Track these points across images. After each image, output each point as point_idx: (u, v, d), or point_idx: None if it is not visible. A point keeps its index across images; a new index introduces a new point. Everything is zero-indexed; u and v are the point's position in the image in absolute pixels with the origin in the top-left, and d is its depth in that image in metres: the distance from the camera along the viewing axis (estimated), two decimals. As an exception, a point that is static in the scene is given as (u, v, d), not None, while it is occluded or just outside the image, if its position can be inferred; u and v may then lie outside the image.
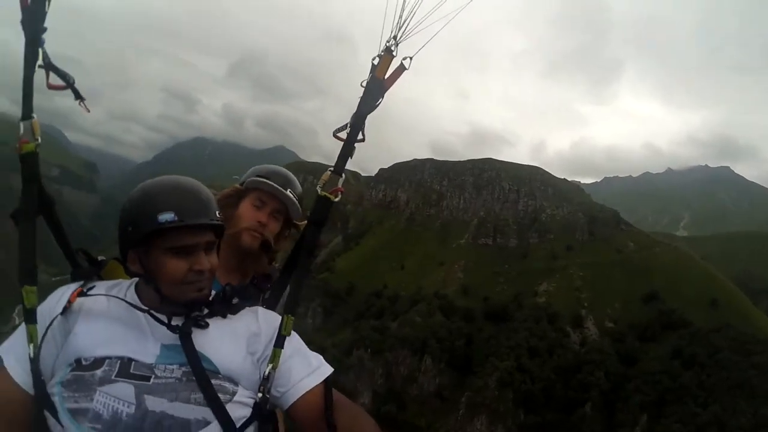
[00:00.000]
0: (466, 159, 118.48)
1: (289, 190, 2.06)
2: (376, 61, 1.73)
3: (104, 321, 1.36)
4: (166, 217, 1.31)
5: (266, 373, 1.38)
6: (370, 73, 1.74)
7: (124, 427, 1.22)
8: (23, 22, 1.44)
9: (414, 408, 52.35)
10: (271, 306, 1.80)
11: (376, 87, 1.73)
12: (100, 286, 1.44)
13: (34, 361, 1.27)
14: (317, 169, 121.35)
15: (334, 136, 1.76)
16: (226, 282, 1.64)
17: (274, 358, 1.39)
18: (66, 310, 1.35)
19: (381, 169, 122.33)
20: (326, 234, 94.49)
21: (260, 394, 1.38)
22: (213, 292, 1.47)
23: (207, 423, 1.27)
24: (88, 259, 1.60)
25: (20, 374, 1.28)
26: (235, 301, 1.50)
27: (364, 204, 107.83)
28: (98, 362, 1.28)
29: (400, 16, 1.70)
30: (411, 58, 1.72)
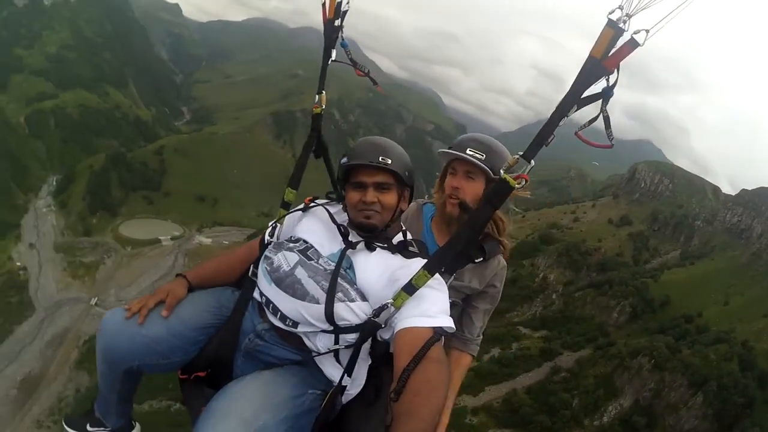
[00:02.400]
0: None
1: (469, 150, 2.48)
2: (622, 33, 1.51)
3: (318, 221, 2.27)
4: (343, 160, 2.14)
5: (385, 303, 1.89)
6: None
7: (278, 275, 2.06)
8: (324, 32, 2.41)
9: (660, 435, 55.12)
10: (453, 268, 2.31)
11: (591, 68, 1.59)
12: (336, 206, 2.35)
13: (273, 230, 2.37)
14: (675, 174, 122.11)
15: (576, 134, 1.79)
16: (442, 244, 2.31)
17: (397, 297, 1.87)
18: (305, 209, 2.36)
19: (743, 190, 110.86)
20: (667, 244, 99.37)
21: (371, 315, 1.92)
22: (401, 236, 2.23)
23: (317, 301, 1.95)
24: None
25: (267, 234, 2.38)
26: (411, 249, 2.15)
27: (715, 225, 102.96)
28: (297, 240, 2.20)
29: None
30: (648, 32, 1.48)
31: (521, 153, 1.78)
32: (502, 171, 1.83)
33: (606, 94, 1.66)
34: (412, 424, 1.49)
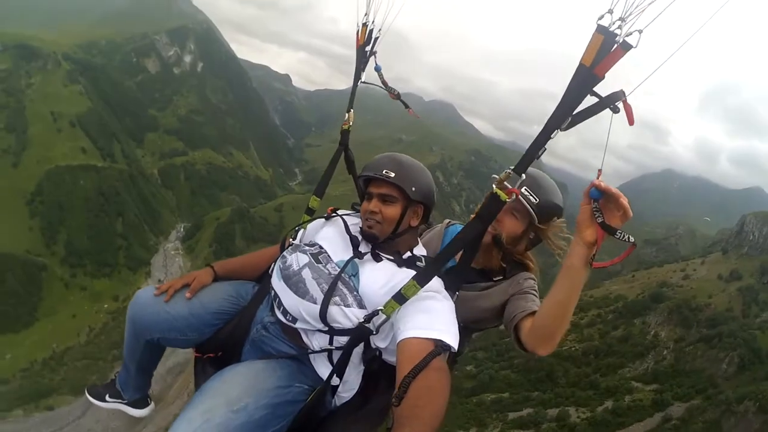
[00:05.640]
0: None
1: (524, 189, 2.42)
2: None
3: (335, 230, 2.47)
4: (360, 173, 2.43)
5: (376, 309, 2.04)
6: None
7: (287, 272, 2.26)
8: (356, 57, 2.74)
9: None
10: (455, 285, 2.31)
11: (582, 76, 1.57)
12: (356, 217, 2.53)
13: (296, 233, 2.65)
14: None
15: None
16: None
17: (387, 305, 1.99)
18: (327, 217, 2.58)
19: None
20: None
21: (362, 320, 2.07)
22: (410, 252, 2.38)
23: (314, 301, 2.14)
24: None
25: (290, 237, 2.62)
26: (419, 264, 2.27)
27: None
28: (314, 245, 2.39)
29: None
30: (641, 32, 1.44)
31: (512, 167, 1.84)
32: (494, 186, 1.89)
33: (611, 106, 1.65)
34: (413, 427, 1.61)
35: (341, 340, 2.16)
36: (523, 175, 1.84)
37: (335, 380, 2.20)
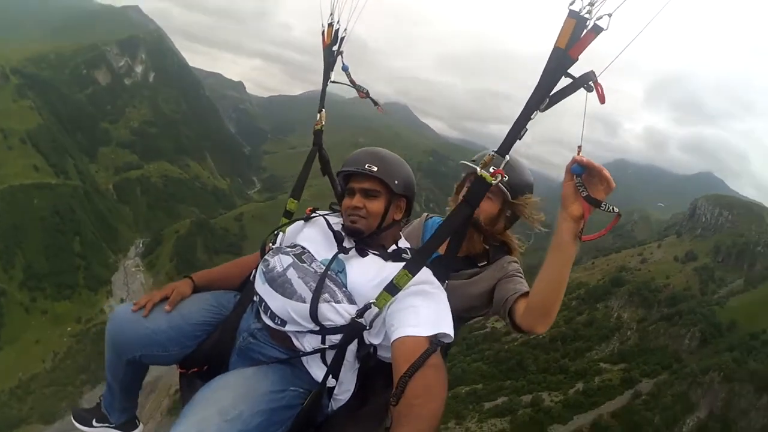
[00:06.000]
0: None
1: (492, 168, 2.24)
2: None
3: (317, 230, 2.44)
4: (341, 169, 2.39)
5: (368, 303, 2.00)
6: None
7: (271, 274, 2.20)
8: (324, 56, 2.79)
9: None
10: (444, 275, 2.27)
11: (557, 58, 1.67)
12: (337, 217, 2.49)
13: (275, 237, 2.58)
14: (734, 204, 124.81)
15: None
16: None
17: (380, 297, 1.96)
18: (307, 218, 2.53)
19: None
20: (731, 273, 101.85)
21: (354, 315, 2.02)
22: (395, 245, 2.38)
23: (303, 300, 2.07)
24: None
25: (270, 242, 2.56)
26: (405, 255, 2.25)
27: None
28: (296, 246, 2.35)
29: None
30: (610, 16, 1.54)
31: (495, 150, 1.90)
32: (478, 168, 1.94)
33: (585, 86, 1.70)
34: (412, 425, 1.61)
35: (333, 338, 2.09)
36: (507, 157, 1.88)
37: (331, 381, 2.13)
